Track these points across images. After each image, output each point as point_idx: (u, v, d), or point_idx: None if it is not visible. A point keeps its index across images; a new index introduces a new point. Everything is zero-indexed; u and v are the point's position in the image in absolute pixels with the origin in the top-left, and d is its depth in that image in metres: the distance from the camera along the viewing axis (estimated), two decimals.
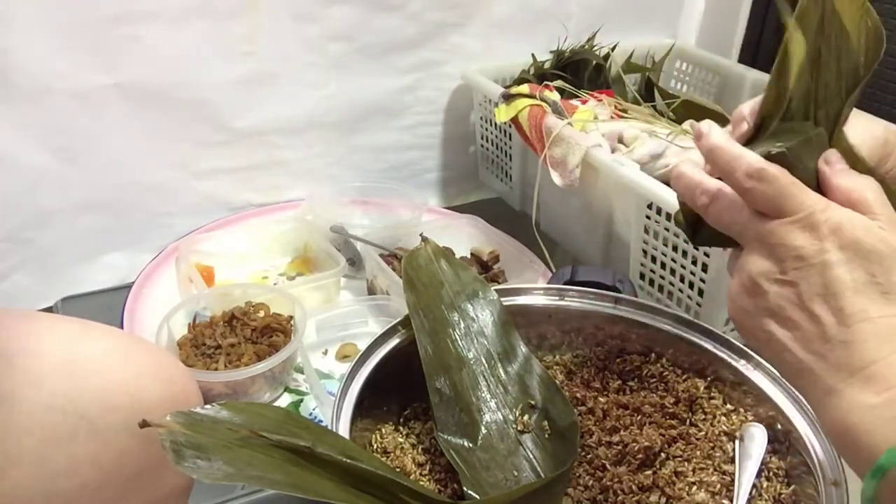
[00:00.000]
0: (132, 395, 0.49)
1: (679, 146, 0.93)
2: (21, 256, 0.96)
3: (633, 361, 0.69)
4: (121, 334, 0.57)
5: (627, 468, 0.60)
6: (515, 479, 0.59)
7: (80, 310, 0.98)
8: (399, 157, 1.20)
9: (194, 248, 0.97)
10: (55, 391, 0.48)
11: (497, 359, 0.65)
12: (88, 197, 0.97)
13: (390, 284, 0.91)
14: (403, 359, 0.63)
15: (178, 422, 0.44)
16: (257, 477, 0.44)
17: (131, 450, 0.49)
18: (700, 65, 1.22)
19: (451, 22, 1.11)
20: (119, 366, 0.52)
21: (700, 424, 0.64)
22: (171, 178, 1.04)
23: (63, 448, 0.47)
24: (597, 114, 1.01)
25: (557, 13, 1.17)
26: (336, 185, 1.14)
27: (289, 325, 0.84)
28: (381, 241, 0.98)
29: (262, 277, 1.01)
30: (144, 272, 0.96)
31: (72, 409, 0.48)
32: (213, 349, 0.81)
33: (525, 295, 0.71)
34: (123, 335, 0.58)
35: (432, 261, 0.69)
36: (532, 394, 0.64)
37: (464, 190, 1.28)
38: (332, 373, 0.86)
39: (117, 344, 0.54)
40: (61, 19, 0.86)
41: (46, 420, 0.47)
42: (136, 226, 1.04)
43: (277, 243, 1.04)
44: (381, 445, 0.62)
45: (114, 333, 0.55)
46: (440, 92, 1.17)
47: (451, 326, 0.65)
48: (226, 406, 0.48)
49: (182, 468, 0.42)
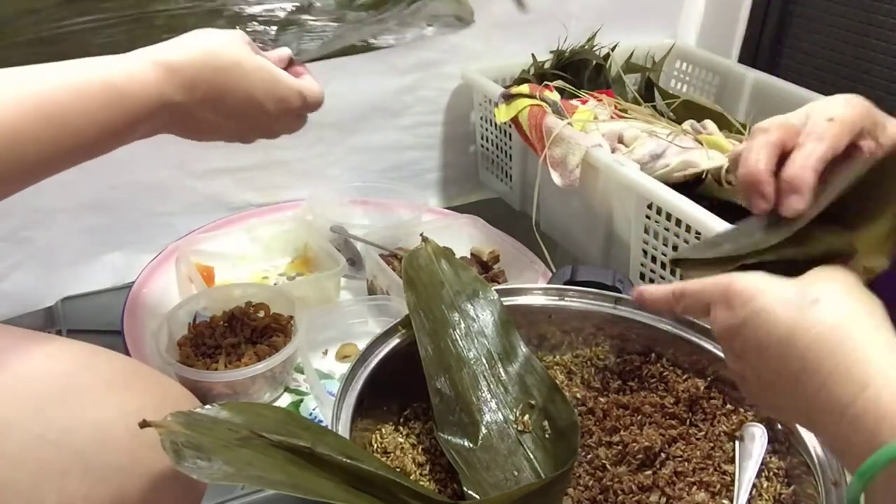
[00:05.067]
0: (132, 431, 0.45)
1: (679, 146, 0.93)
2: (21, 256, 0.96)
3: (633, 361, 0.69)
4: (125, 364, 0.54)
5: (627, 468, 0.60)
6: (515, 479, 0.59)
7: (80, 310, 0.98)
8: (399, 157, 1.20)
9: (194, 248, 0.97)
10: (50, 423, 0.46)
11: (497, 359, 0.65)
12: (88, 197, 0.97)
13: (390, 284, 0.91)
14: (403, 359, 0.63)
15: (177, 422, 0.44)
16: (257, 477, 0.44)
17: (127, 490, 0.47)
18: (700, 65, 1.22)
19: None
20: (120, 399, 0.49)
21: (700, 424, 0.64)
22: (171, 178, 1.04)
23: (54, 484, 0.45)
24: (597, 114, 1.01)
25: (557, 13, 1.17)
26: (336, 185, 1.14)
27: (289, 325, 0.84)
28: (381, 241, 0.98)
29: (262, 277, 1.01)
30: (144, 272, 0.96)
31: (66, 443, 0.45)
32: (213, 349, 0.81)
33: (525, 295, 0.71)
34: (128, 364, 0.54)
35: (432, 261, 0.69)
36: (532, 394, 0.64)
37: (464, 190, 1.28)
38: (332, 373, 0.86)
39: (120, 375, 0.51)
40: None
41: (39, 453, 0.45)
42: (136, 226, 1.04)
43: (277, 243, 1.04)
44: (381, 445, 0.62)
45: (118, 362, 0.53)
46: (440, 92, 1.17)
47: (451, 326, 0.65)
48: (226, 406, 0.48)
49: (182, 468, 0.41)
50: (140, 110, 0.51)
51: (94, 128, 0.49)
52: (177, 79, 0.53)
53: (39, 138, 0.47)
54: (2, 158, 0.45)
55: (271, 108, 0.60)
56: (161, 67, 0.52)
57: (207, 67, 0.54)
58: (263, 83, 0.59)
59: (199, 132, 0.61)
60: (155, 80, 0.52)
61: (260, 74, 0.58)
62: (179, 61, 0.53)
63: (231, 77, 0.56)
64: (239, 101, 0.58)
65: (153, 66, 0.52)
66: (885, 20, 1.09)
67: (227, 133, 0.63)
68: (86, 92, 0.49)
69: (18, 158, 0.46)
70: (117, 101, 0.50)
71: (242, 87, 0.57)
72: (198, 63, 0.54)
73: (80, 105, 0.48)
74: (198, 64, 0.54)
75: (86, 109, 0.49)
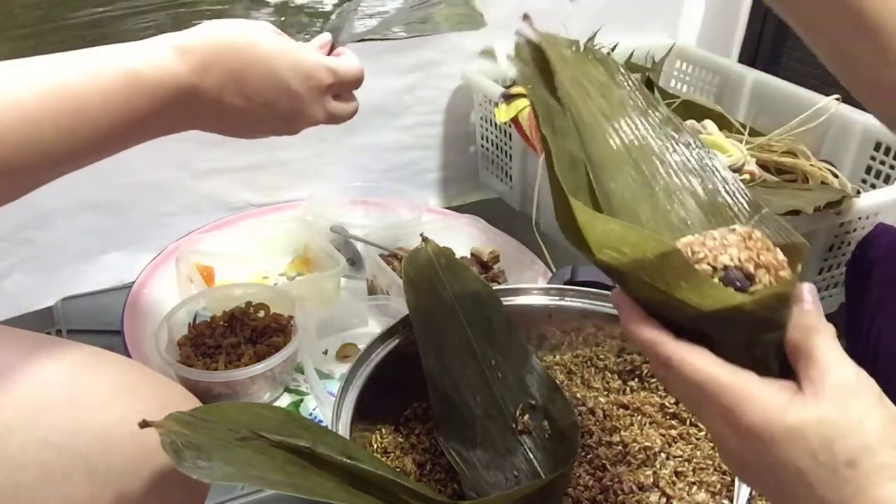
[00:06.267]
0: (135, 435, 0.45)
1: None
2: (21, 256, 0.96)
3: (634, 361, 0.69)
4: (130, 366, 0.54)
5: (627, 468, 0.60)
6: (515, 479, 0.59)
7: (80, 310, 0.98)
8: (399, 157, 1.20)
9: (194, 248, 0.97)
10: (53, 425, 0.45)
11: (497, 359, 0.65)
12: (88, 197, 0.97)
13: (390, 284, 0.91)
14: (403, 359, 0.63)
15: (178, 422, 0.44)
16: (257, 477, 0.44)
17: (131, 494, 0.47)
18: (700, 65, 1.22)
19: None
20: (124, 402, 0.49)
21: (700, 424, 0.64)
22: (171, 178, 1.04)
23: (56, 488, 0.44)
24: None
25: (557, 13, 1.17)
26: (336, 185, 1.14)
27: (289, 325, 0.84)
28: (381, 241, 0.98)
29: (262, 277, 1.01)
30: (144, 272, 0.96)
31: (69, 446, 0.45)
32: (213, 349, 0.81)
33: (525, 295, 0.71)
34: (133, 367, 0.54)
35: (432, 261, 0.69)
36: (532, 394, 0.64)
37: (464, 190, 1.28)
38: (332, 373, 0.86)
39: (125, 378, 0.51)
40: None
41: (41, 456, 0.44)
42: (136, 226, 1.04)
43: (277, 243, 1.04)
44: (381, 445, 0.62)
45: (122, 365, 0.53)
46: (440, 92, 1.17)
47: (451, 326, 0.65)
48: (226, 406, 0.48)
49: (182, 468, 0.41)
50: (157, 94, 0.51)
51: (111, 114, 0.49)
52: (191, 59, 0.52)
53: (59, 126, 0.46)
54: (21, 145, 0.45)
55: (300, 89, 0.58)
56: (175, 50, 0.52)
57: (222, 46, 0.54)
58: (286, 60, 0.57)
59: (232, 122, 0.59)
60: (170, 61, 0.51)
61: (281, 52, 0.57)
62: (193, 43, 0.53)
63: (248, 55, 0.55)
64: (262, 81, 0.56)
65: (167, 50, 0.52)
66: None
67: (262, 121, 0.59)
68: (101, 76, 0.48)
69: (38, 147, 0.46)
70: (134, 84, 0.49)
71: (263, 65, 0.56)
72: (211, 43, 0.53)
73: (95, 90, 0.48)
74: (211, 44, 0.53)
75: (102, 94, 0.48)
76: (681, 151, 0.48)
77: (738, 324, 0.38)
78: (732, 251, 0.40)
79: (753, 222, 0.45)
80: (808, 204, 0.82)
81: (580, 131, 0.46)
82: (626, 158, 0.47)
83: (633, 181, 0.47)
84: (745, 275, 0.40)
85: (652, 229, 0.45)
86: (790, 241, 0.43)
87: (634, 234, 0.39)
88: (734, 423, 0.37)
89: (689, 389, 0.39)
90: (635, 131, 0.48)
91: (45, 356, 0.49)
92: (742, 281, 0.40)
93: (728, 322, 0.38)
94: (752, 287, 0.39)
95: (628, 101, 0.49)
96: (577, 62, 0.50)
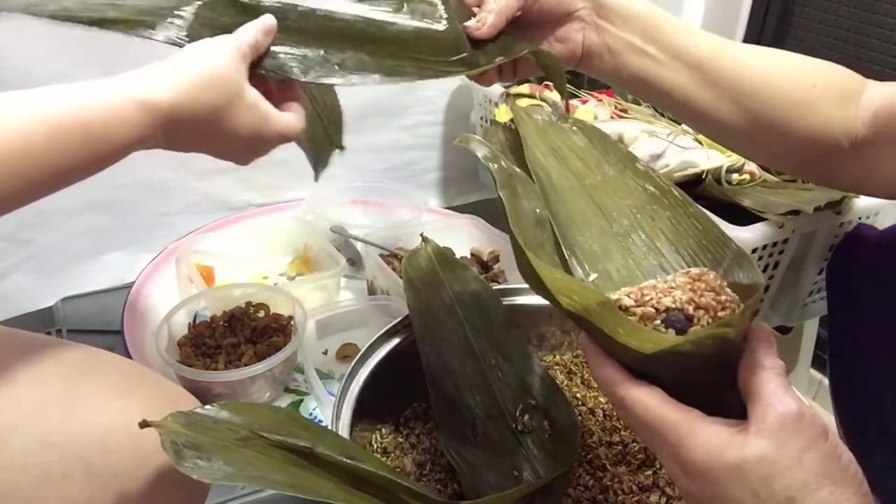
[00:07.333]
0: (135, 436, 0.45)
1: (679, 146, 0.93)
2: (21, 256, 0.96)
3: None
4: (130, 368, 0.54)
5: (627, 468, 0.60)
6: (515, 479, 0.59)
7: (80, 310, 0.98)
8: (399, 157, 1.20)
9: (194, 248, 0.97)
10: (53, 427, 0.45)
11: (497, 359, 0.65)
12: (88, 197, 0.97)
13: (390, 284, 0.91)
14: (403, 359, 0.63)
15: (177, 422, 0.44)
16: (257, 477, 0.44)
17: (131, 494, 0.47)
18: None
19: None
20: (123, 403, 0.49)
21: None
22: (171, 178, 1.04)
23: (56, 489, 0.44)
24: (597, 114, 1.01)
25: None
26: (336, 185, 1.14)
27: (289, 325, 0.84)
28: (381, 241, 0.98)
29: (262, 277, 1.01)
30: (144, 272, 0.96)
31: (69, 447, 0.45)
32: (213, 349, 0.81)
33: (525, 295, 0.71)
34: (133, 369, 0.54)
35: (432, 261, 0.69)
36: (532, 394, 0.64)
37: (464, 190, 1.28)
38: (332, 373, 0.86)
39: (124, 379, 0.51)
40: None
41: (41, 457, 0.44)
42: (136, 226, 1.04)
43: (277, 243, 1.04)
44: (381, 445, 0.62)
45: (122, 367, 0.53)
46: (440, 92, 1.18)
47: (451, 326, 0.65)
48: (226, 406, 0.48)
49: (182, 468, 0.41)
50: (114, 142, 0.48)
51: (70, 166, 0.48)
52: (157, 118, 0.49)
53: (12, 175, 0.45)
54: None
55: (252, 145, 0.59)
56: (142, 106, 0.48)
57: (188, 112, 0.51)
58: (251, 125, 0.56)
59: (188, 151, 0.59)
60: (135, 118, 0.48)
61: (250, 114, 0.55)
62: (160, 98, 0.49)
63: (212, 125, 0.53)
64: (220, 141, 0.56)
65: (136, 107, 0.48)
66: (885, 20, 1.09)
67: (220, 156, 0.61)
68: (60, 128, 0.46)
69: None
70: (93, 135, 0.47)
71: (228, 127, 0.54)
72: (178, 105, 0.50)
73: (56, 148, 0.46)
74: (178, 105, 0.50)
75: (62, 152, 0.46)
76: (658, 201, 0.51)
77: (684, 365, 0.39)
78: (677, 293, 0.41)
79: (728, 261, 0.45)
80: (808, 204, 0.82)
81: (547, 193, 0.51)
82: (596, 213, 0.51)
83: (604, 233, 0.50)
84: (685, 316, 0.41)
85: (623, 276, 0.48)
86: (751, 280, 0.43)
87: (574, 285, 0.42)
88: (681, 460, 0.38)
89: (641, 427, 0.40)
90: (610, 187, 0.52)
91: (44, 357, 0.49)
92: (682, 322, 0.41)
93: (673, 363, 0.39)
94: (691, 328, 0.40)
95: (605, 160, 0.54)
96: (556, 132, 0.55)
